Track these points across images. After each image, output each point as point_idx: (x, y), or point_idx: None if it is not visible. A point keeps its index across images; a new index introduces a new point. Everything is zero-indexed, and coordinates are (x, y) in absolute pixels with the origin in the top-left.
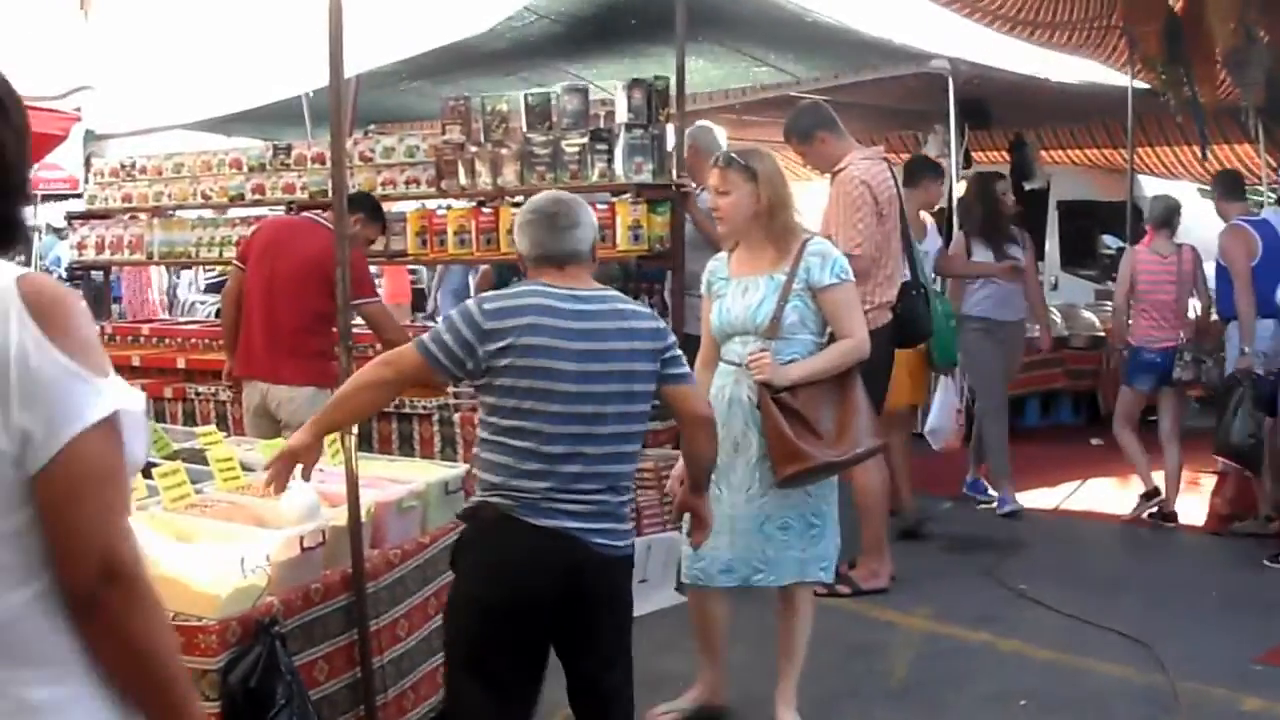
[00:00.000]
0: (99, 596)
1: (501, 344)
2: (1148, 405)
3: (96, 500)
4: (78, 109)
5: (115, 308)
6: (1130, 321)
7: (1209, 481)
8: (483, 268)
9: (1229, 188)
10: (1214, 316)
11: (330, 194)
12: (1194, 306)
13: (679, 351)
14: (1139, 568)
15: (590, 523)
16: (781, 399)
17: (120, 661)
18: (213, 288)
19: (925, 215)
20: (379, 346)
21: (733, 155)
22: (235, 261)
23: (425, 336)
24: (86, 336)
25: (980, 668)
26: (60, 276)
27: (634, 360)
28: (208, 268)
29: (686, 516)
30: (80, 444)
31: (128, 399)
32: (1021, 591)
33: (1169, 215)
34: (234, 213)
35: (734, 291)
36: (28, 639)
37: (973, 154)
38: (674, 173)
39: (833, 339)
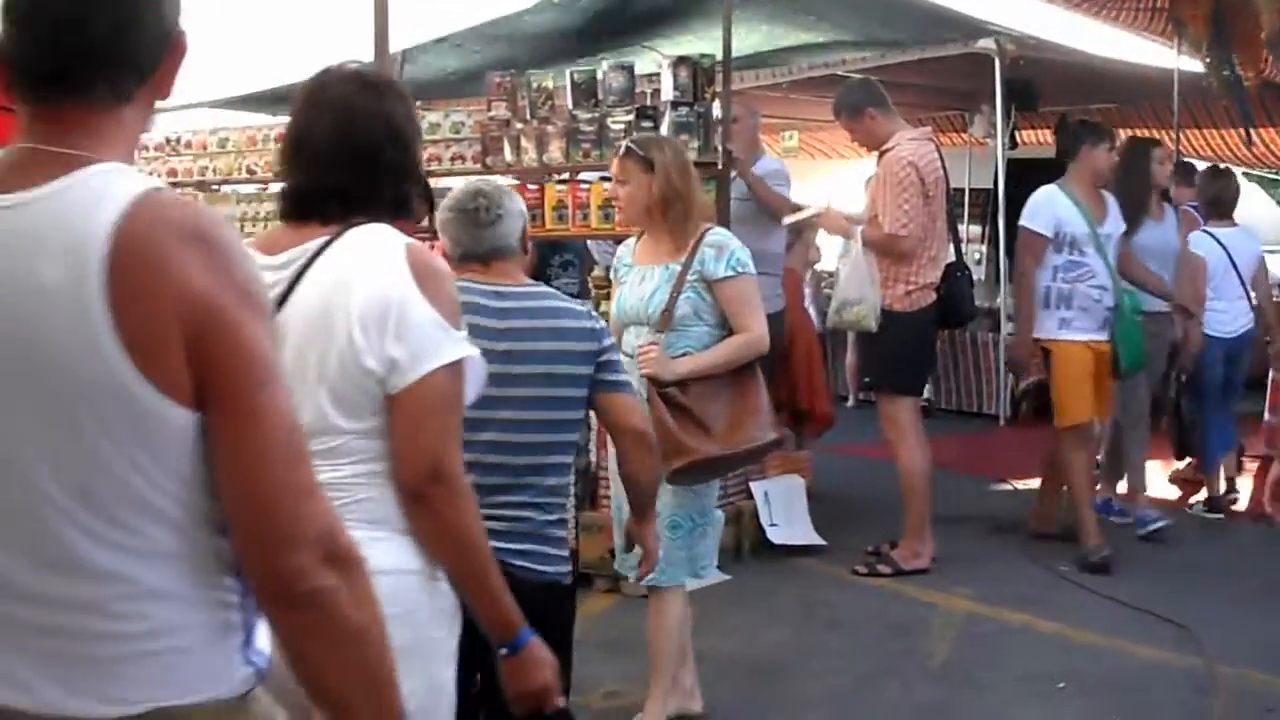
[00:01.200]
0: (427, 492)
1: None
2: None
3: (438, 420)
4: None
5: None
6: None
7: (1252, 467)
8: None
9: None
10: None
11: None
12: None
13: (617, 355)
14: (1181, 552)
15: (511, 542)
16: (669, 393)
17: (440, 544)
18: None
19: (1107, 195)
20: None
21: (630, 145)
22: None
23: None
24: (451, 297)
25: (1020, 649)
26: None
27: (560, 362)
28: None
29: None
30: (435, 376)
31: (473, 351)
32: (1062, 574)
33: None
34: (279, 188)
35: (632, 280)
36: (361, 499)
37: (1019, 135)
38: (719, 150)
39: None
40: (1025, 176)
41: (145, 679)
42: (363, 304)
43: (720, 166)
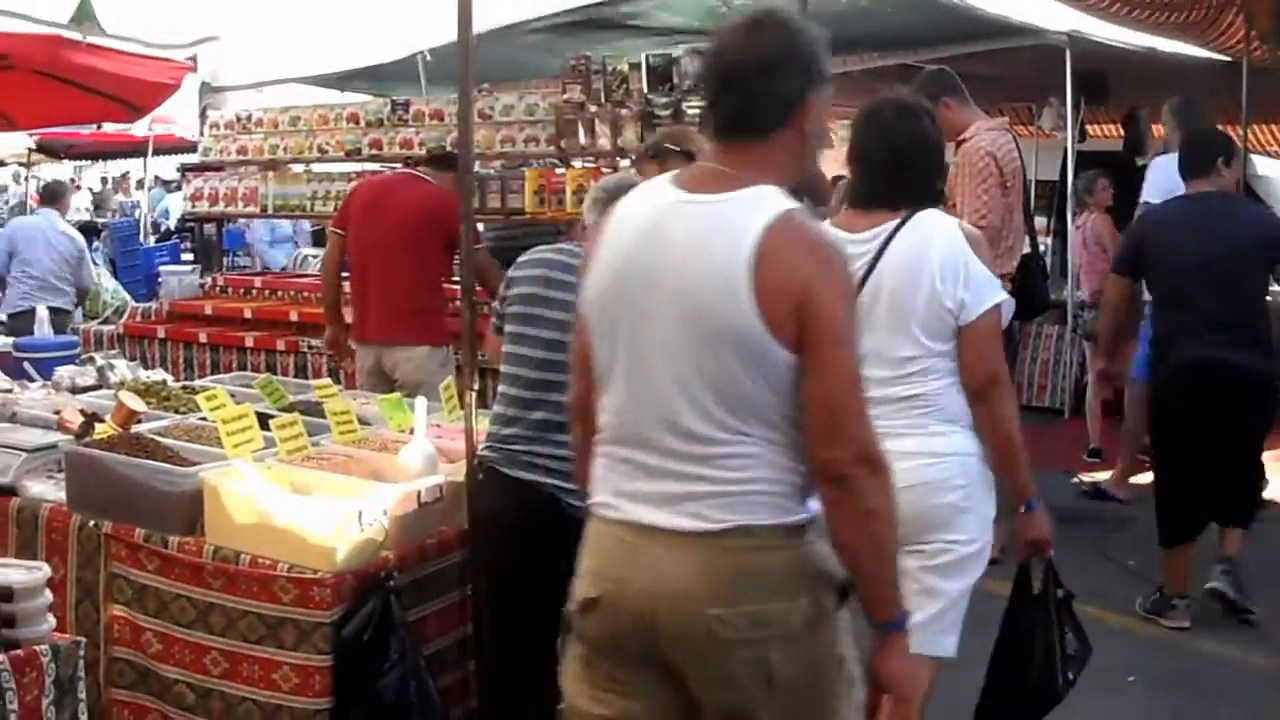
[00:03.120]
0: (987, 394)
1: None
2: None
3: (993, 343)
4: (191, 58)
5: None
6: None
7: None
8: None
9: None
10: None
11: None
12: None
13: None
14: (1258, 549)
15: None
16: None
17: (992, 432)
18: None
19: None
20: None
21: (666, 145)
22: (333, 229)
23: None
24: (985, 258)
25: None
26: (169, 229)
27: None
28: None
29: None
30: (989, 313)
31: (1007, 296)
32: (1131, 568)
33: None
34: (348, 167)
35: None
36: (944, 405)
37: (1088, 128)
38: None
39: None
40: (1092, 170)
41: (732, 508)
42: (939, 262)
43: None
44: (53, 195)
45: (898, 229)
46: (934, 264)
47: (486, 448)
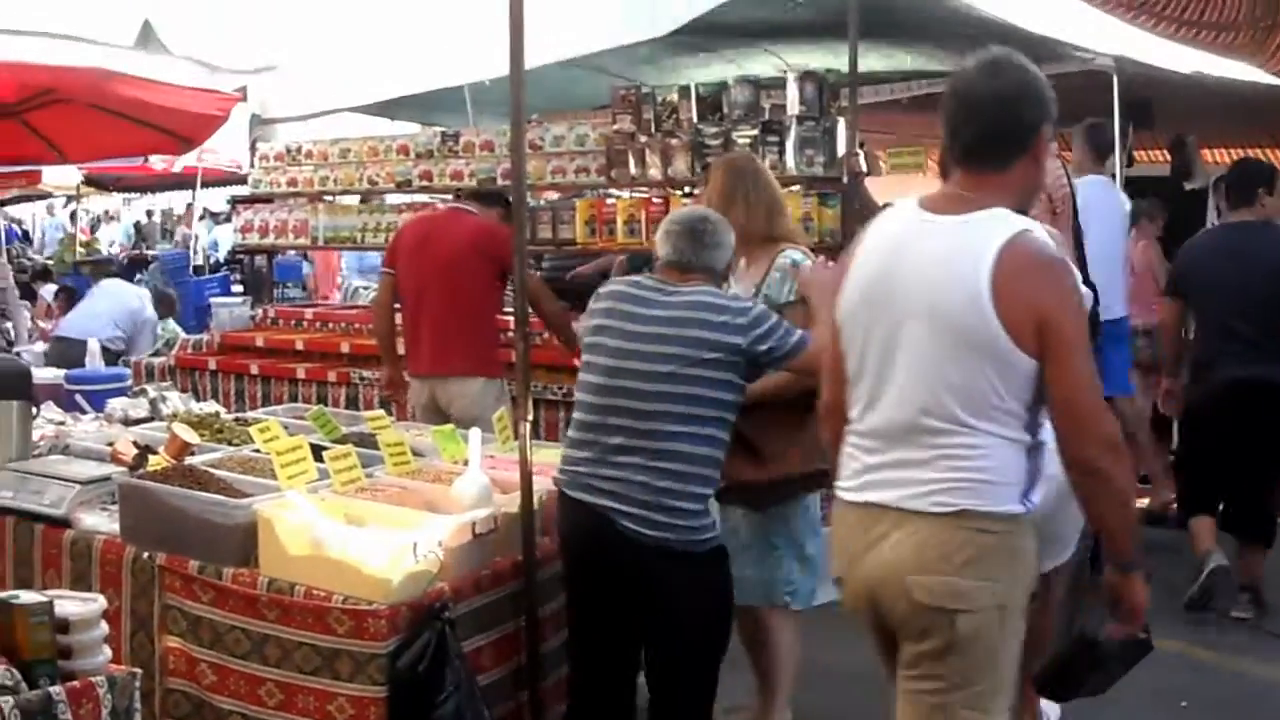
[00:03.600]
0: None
1: None
2: None
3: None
4: (241, 89)
5: (293, 290)
6: None
7: None
8: (619, 259)
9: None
10: None
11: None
12: None
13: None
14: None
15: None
16: None
17: None
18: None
19: None
20: (545, 335)
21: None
22: (383, 269)
23: None
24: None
25: (1142, 666)
26: (218, 261)
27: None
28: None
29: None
30: None
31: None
32: (1190, 595)
33: None
34: (399, 198)
35: None
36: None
37: (1134, 153)
38: (845, 165)
39: None
40: (1140, 195)
41: (964, 494)
42: None
43: (844, 182)
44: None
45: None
46: None
47: (558, 470)
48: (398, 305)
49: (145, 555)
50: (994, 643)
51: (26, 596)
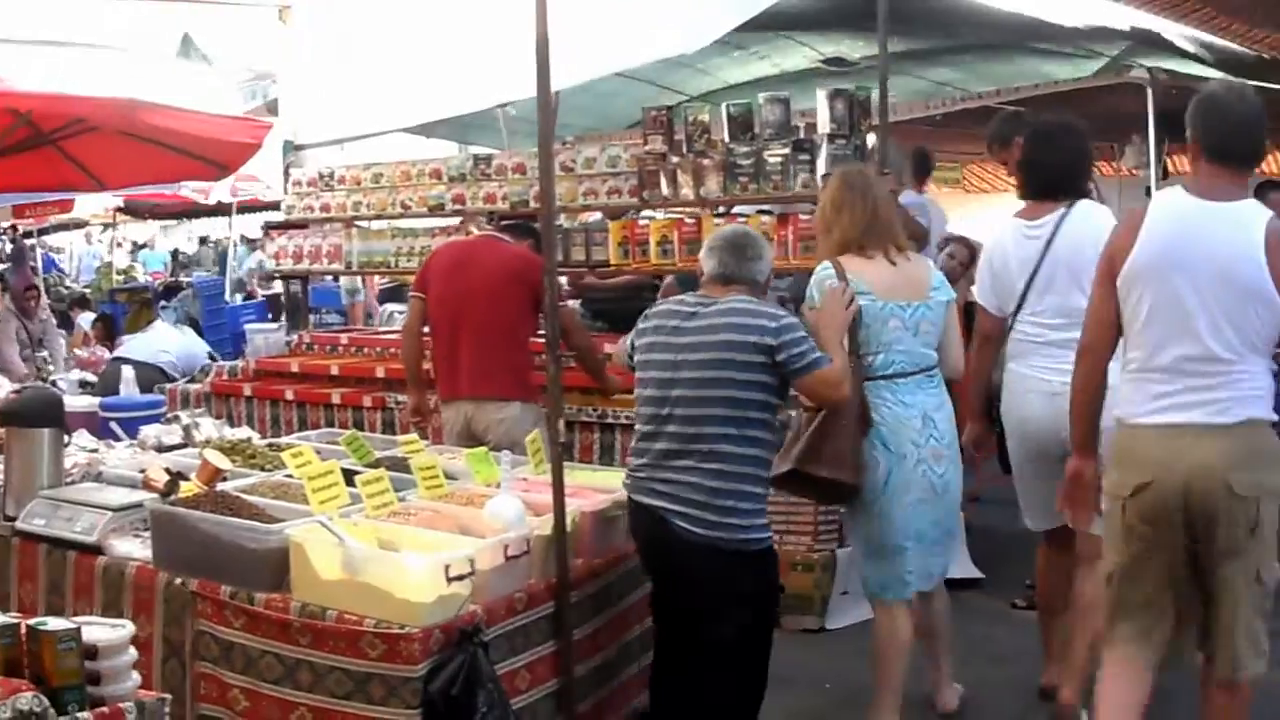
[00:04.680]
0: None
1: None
2: None
3: None
4: (269, 106)
5: (330, 316)
6: None
7: None
8: (667, 279)
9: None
10: None
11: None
12: None
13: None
14: None
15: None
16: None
17: None
18: (387, 296)
19: None
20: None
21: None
22: (414, 293)
23: None
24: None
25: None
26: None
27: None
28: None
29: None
30: None
31: None
32: None
33: None
34: (433, 223)
35: None
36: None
37: (1169, 165)
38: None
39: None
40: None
41: (1244, 408)
42: (1094, 240)
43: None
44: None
45: (1065, 215)
46: (1099, 240)
47: (625, 476)
48: (426, 330)
49: (178, 581)
50: (1275, 514)
51: (54, 623)
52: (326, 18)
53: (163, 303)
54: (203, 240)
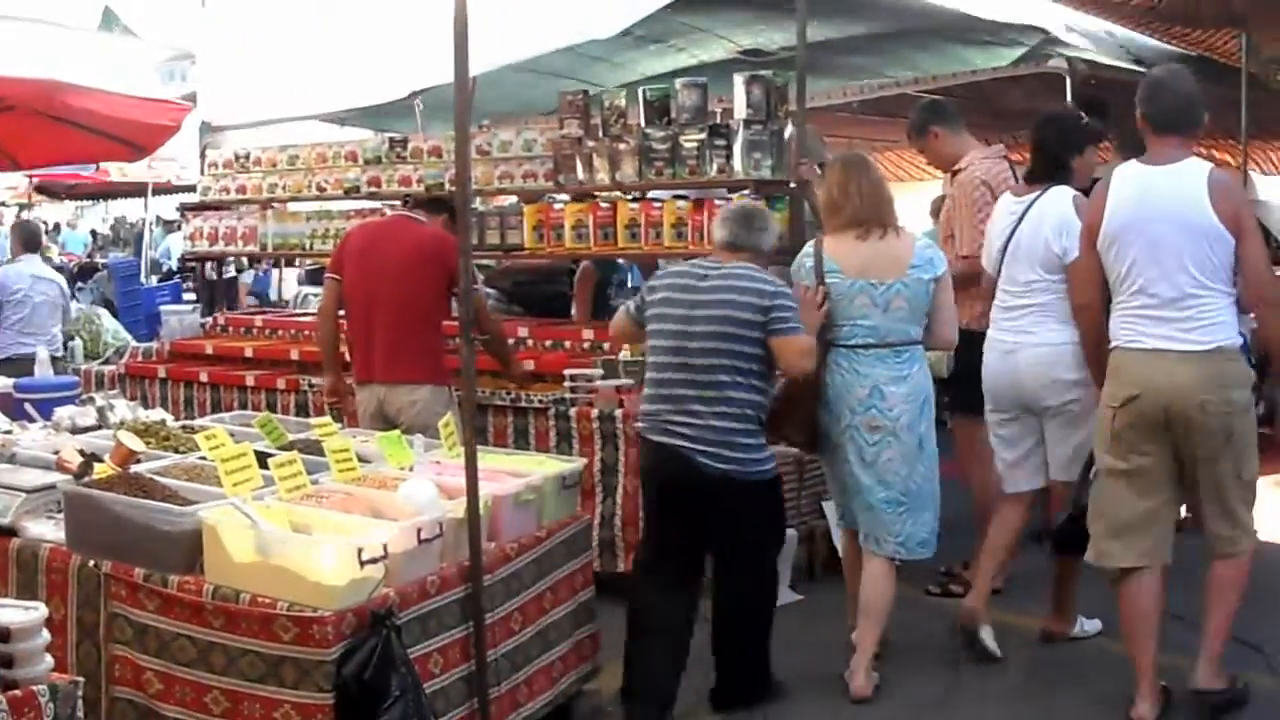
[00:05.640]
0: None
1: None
2: None
3: (1077, 274)
4: (190, 96)
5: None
6: None
7: None
8: (584, 264)
9: None
10: None
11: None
12: None
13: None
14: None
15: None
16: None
17: None
18: (314, 278)
19: None
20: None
21: None
22: (328, 274)
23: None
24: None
25: (1095, 669)
26: (171, 269)
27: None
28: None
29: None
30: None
31: None
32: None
33: None
34: (347, 205)
35: None
36: (1055, 311)
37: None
38: (791, 170)
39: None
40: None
41: (1213, 333)
42: (1052, 223)
43: (792, 185)
44: (30, 241)
45: (1038, 198)
46: (1051, 223)
47: (638, 419)
48: (341, 312)
49: (91, 563)
50: (1248, 428)
51: None
52: (246, 1)
53: (79, 284)
54: (116, 221)
